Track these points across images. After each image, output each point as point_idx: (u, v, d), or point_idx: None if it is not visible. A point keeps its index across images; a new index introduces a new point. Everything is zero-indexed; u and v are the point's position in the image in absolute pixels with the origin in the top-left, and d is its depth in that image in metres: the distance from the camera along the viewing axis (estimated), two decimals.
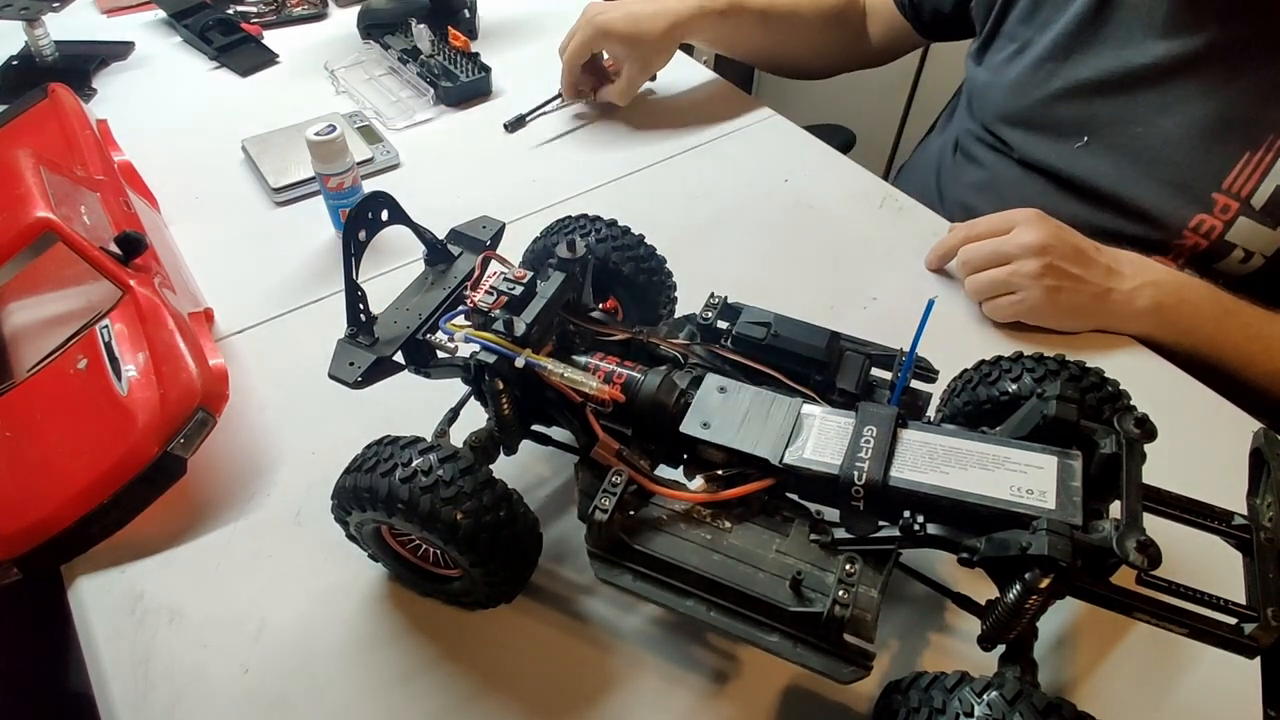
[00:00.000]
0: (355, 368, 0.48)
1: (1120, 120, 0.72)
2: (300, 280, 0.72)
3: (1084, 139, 0.74)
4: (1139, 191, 0.72)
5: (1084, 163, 0.75)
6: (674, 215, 0.80)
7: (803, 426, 0.45)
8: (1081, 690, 0.48)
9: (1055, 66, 0.75)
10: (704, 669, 0.49)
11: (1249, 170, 0.67)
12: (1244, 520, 0.41)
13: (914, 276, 0.74)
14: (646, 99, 0.95)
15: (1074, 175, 0.76)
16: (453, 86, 0.93)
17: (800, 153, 0.88)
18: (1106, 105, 0.73)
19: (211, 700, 0.47)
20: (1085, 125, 0.74)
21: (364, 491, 0.44)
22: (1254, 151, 0.67)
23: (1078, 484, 0.41)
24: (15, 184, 0.58)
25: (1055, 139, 0.76)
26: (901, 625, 0.50)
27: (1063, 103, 0.75)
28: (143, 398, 0.53)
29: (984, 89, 0.83)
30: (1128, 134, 0.72)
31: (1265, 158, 0.67)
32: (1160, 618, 0.38)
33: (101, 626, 0.50)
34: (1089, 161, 0.74)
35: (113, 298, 0.57)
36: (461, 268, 0.54)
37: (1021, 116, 0.79)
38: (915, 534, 0.41)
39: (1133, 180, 0.72)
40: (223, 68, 0.99)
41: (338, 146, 0.72)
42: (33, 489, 0.52)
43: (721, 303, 0.52)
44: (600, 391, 0.46)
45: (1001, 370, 0.49)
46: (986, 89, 0.83)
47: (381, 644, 0.50)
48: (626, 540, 0.44)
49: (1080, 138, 0.74)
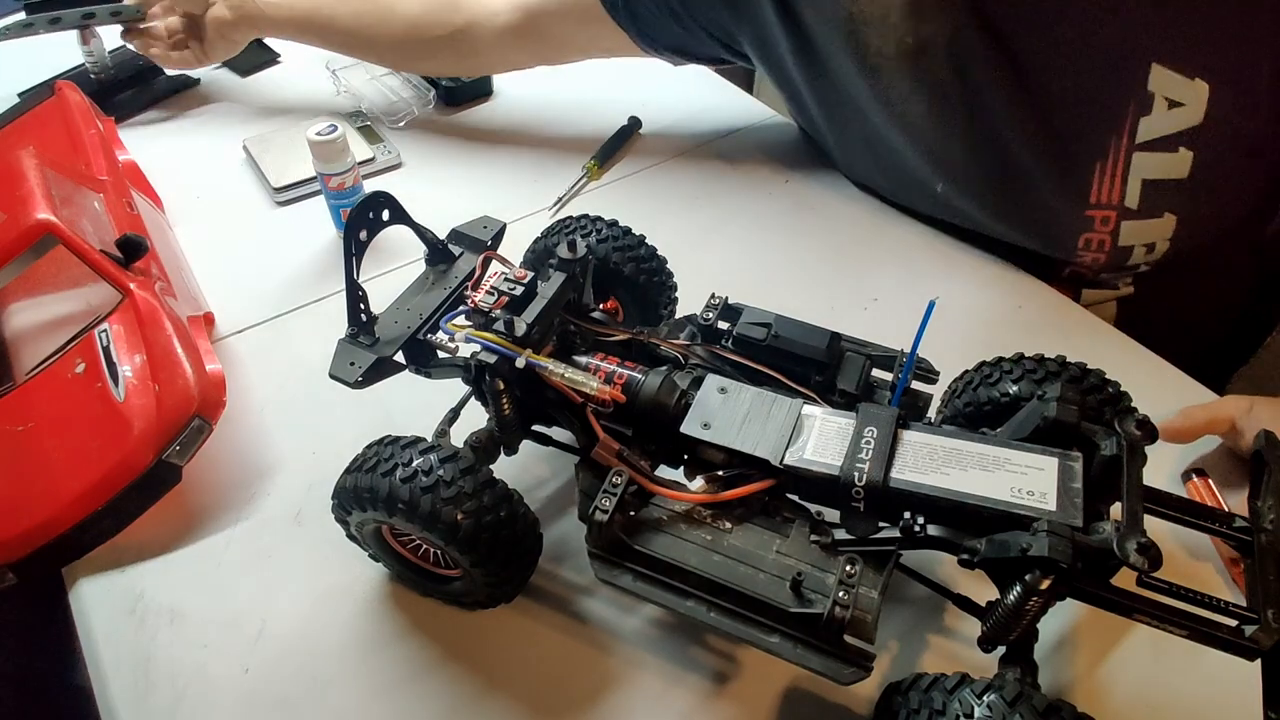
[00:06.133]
0: (356, 367, 0.48)
1: (970, 159, 0.70)
2: (301, 280, 0.73)
3: (939, 186, 0.73)
4: (1015, 230, 0.72)
5: (955, 209, 0.74)
6: (675, 216, 0.80)
7: (803, 427, 0.45)
8: (1082, 692, 0.48)
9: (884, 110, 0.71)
10: (704, 670, 0.49)
11: (1108, 178, 0.66)
12: (1245, 522, 0.41)
13: (914, 277, 0.74)
14: (647, 99, 0.95)
15: (950, 221, 0.75)
16: (454, 86, 0.93)
17: (801, 153, 0.88)
18: (949, 147, 0.70)
19: (212, 700, 0.47)
20: (937, 170, 0.72)
21: (364, 491, 0.44)
22: (1104, 160, 0.65)
23: (1078, 485, 0.40)
24: (17, 185, 0.58)
25: (914, 190, 0.75)
26: (902, 626, 0.50)
27: (909, 149, 0.72)
28: (139, 404, 0.53)
29: None
30: (981, 170, 0.70)
31: (1119, 160, 0.65)
32: (1160, 619, 0.38)
33: (102, 627, 0.50)
34: (958, 207, 0.73)
35: (112, 301, 0.57)
36: (462, 268, 0.54)
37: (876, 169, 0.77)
38: (915, 535, 0.41)
39: (1006, 220, 0.72)
40: (224, 67, 0.99)
41: (339, 146, 0.72)
42: (29, 493, 0.52)
43: (722, 303, 0.52)
44: (601, 392, 0.46)
45: (1002, 372, 0.49)
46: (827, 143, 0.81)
47: (382, 644, 0.50)
48: (626, 541, 0.44)
49: (936, 184, 0.73)
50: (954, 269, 0.74)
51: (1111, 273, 0.72)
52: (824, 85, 0.74)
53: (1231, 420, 0.55)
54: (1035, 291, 0.72)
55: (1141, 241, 0.69)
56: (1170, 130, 0.63)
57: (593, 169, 0.84)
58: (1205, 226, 0.68)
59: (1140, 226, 0.68)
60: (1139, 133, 0.64)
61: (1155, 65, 0.61)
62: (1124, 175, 0.65)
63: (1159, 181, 0.65)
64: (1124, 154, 0.65)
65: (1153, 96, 0.62)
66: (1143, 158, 0.65)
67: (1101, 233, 0.68)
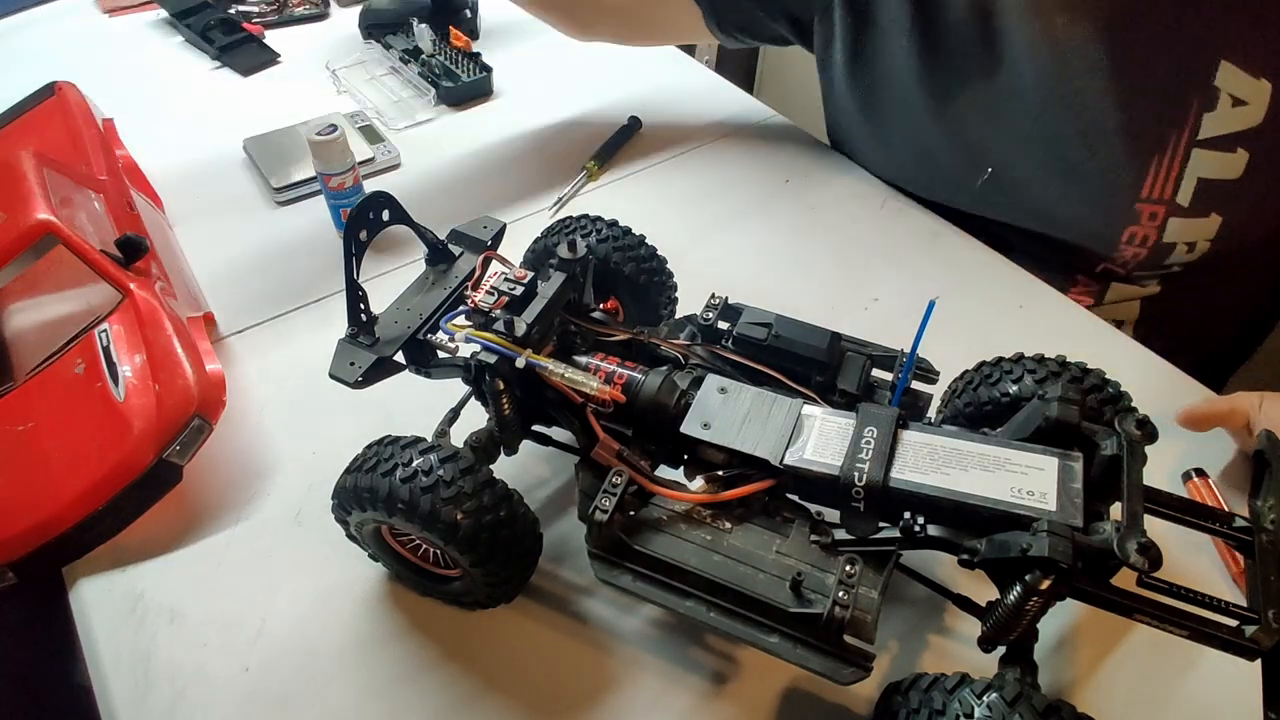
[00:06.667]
0: (356, 367, 0.48)
1: (1022, 149, 0.69)
2: (301, 280, 0.73)
3: (987, 171, 0.72)
4: (1060, 220, 0.71)
5: (997, 200, 0.73)
6: (675, 216, 0.80)
7: (803, 427, 0.45)
8: (1082, 692, 0.48)
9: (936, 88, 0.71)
10: (703, 670, 0.49)
11: (1164, 173, 0.66)
12: (1245, 522, 0.41)
13: (915, 277, 0.74)
14: (647, 99, 0.95)
15: (988, 214, 0.74)
16: (454, 86, 0.93)
17: (801, 153, 0.88)
18: (1000, 133, 0.70)
19: (212, 700, 0.47)
20: (985, 157, 0.71)
21: (364, 491, 0.44)
22: (1161, 155, 0.65)
23: (1079, 485, 0.40)
24: (17, 185, 0.58)
25: (954, 181, 0.74)
26: (901, 626, 0.50)
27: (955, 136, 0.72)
28: (139, 404, 0.53)
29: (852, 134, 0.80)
30: (1032, 161, 0.69)
31: (1176, 156, 0.65)
32: (1161, 620, 0.38)
33: (102, 626, 0.50)
34: (1002, 198, 0.73)
35: (112, 301, 0.57)
36: (462, 268, 0.54)
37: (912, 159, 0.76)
38: (915, 535, 0.41)
39: (1051, 209, 0.71)
40: (224, 67, 0.99)
41: (339, 146, 0.72)
42: (29, 493, 0.52)
43: (722, 303, 0.52)
44: (601, 392, 0.46)
45: (1002, 371, 0.49)
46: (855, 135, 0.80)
47: (382, 644, 0.50)
48: (626, 541, 0.44)
49: (983, 171, 0.72)
50: (954, 269, 0.74)
51: (1146, 270, 0.72)
52: (868, 72, 0.74)
53: (1246, 414, 0.55)
54: (1035, 291, 0.72)
55: (1185, 240, 0.68)
56: (1231, 129, 0.63)
57: (593, 169, 0.84)
58: (1247, 229, 0.68)
59: (1187, 225, 0.67)
60: (1201, 129, 0.63)
61: (1224, 62, 0.61)
62: (1180, 171, 0.65)
63: (1212, 181, 0.65)
64: (1183, 149, 0.65)
65: (1218, 93, 0.62)
66: (1201, 155, 0.64)
67: (1148, 228, 0.68)
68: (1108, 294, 0.74)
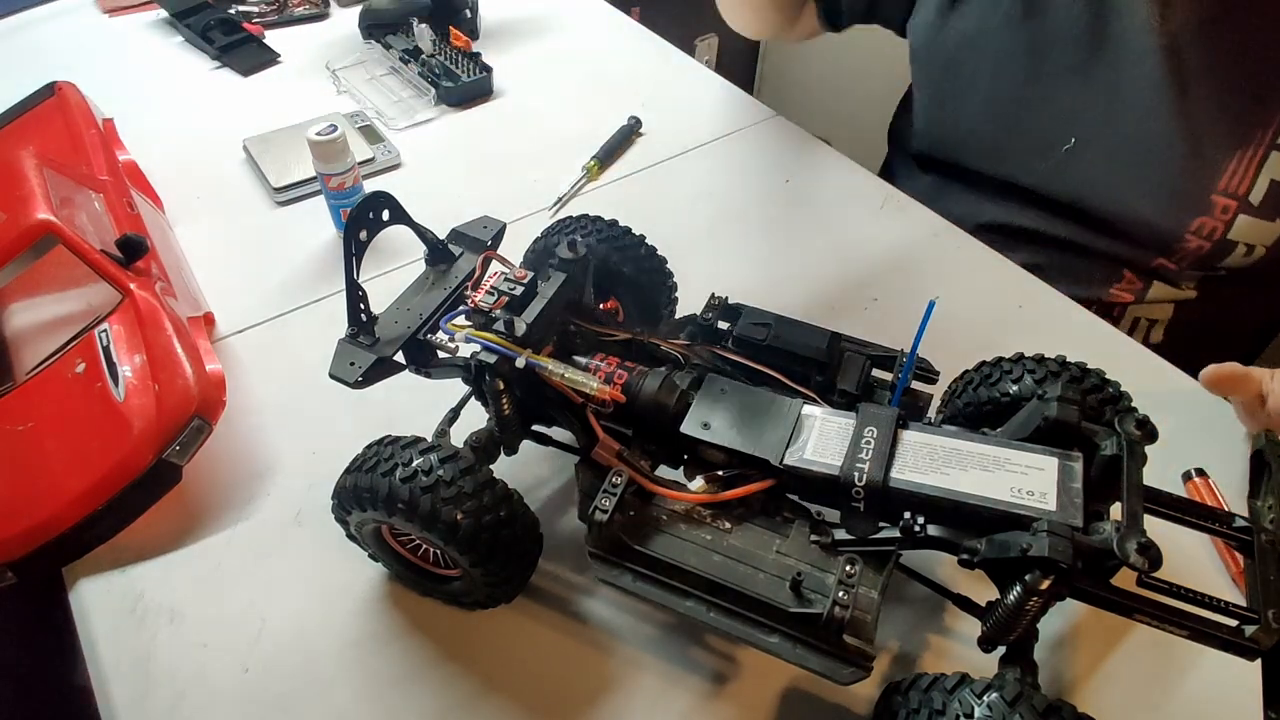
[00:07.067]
0: (356, 367, 0.48)
1: (1107, 121, 0.70)
2: (301, 280, 0.73)
3: (1071, 141, 0.72)
4: (1132, 202, 0.71)
5: (1071, 175, 0.73)
6: (675, 216, 0.80)
7: (803, 427, 0.45)
8: (1082, 692, 0.48)
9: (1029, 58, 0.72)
10: (703, 670, 0.49)
11: (1243, 168, 0.67)
12: (1245, 522, 0.41)
13: (914, 277, 0.74)
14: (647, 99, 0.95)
15: (1054, 192, 0.74)
16: (454, 86, 0.93)
17: (801, 153, 0.88)
18: (1091, 104, 0.71)
19: (212, 700, 0.47)
20: (1070, 127, 0.72)
21: (364, 491, 0.44)
22: (1244, 149, 0.66)
23: (1078, 485, 0.40)
24: (18, 185, 0.58)
25: (1033, 150, 0.74)
26: (901, 626, 0.50)
27: (1044, 102, 0.73)
28: (139, 404, 0.53)
29: (935, 98, 0.81)
30: (1118, 136, 0.70)
31: (1257, 154, 0.66)
32: (1161, 619, 0.38)
33: (102, 626, 0.50)
34: (1076, 173, 0.73)
35: (112, 301, 0.57)
36: (462, 268, 0.54)
37: (991, 126, 0.76)
38: (915, 535, 0.41)
39: (1125, 189, 0.71)
40: (224, 68, 0.99)
41: (339, 146, 0.72)
42: (29, 493, 0.52)
43: (722, 303, 0.52)
44: (601, 392, 0.46)
45: (1002, 371, 0.49)
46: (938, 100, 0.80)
47: (381, 644, 0.50)
48: (626, 541, 0.44)
49: (1067, 140, 0.72)
50: (954, 269, 0.74)
51: (1199, 269, 0.72)
52: (959, 27, 0.75)
53: (1259, 384, 0.56)
54: (1035, 291, 0.72)
55: (1247, 240, 0.69)
56: None
57: (593, 169, 0.84)
58: None
59: (1254, 225, 0.68)
60: None
61: None
62: (1257, 169, 0.66)
63: None
64: (1265, 148, 0.66)
65: None
66: (1277, 157, 0.65)
67: (1218, 221, 0.69)
68: (1149, 292, 0.75)
